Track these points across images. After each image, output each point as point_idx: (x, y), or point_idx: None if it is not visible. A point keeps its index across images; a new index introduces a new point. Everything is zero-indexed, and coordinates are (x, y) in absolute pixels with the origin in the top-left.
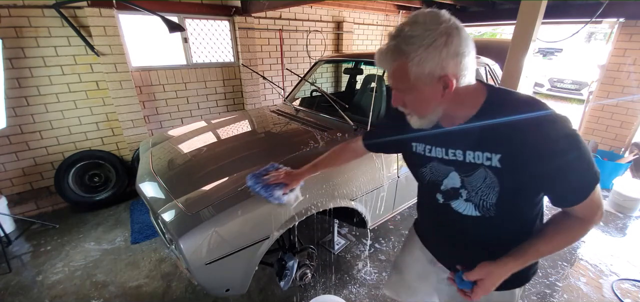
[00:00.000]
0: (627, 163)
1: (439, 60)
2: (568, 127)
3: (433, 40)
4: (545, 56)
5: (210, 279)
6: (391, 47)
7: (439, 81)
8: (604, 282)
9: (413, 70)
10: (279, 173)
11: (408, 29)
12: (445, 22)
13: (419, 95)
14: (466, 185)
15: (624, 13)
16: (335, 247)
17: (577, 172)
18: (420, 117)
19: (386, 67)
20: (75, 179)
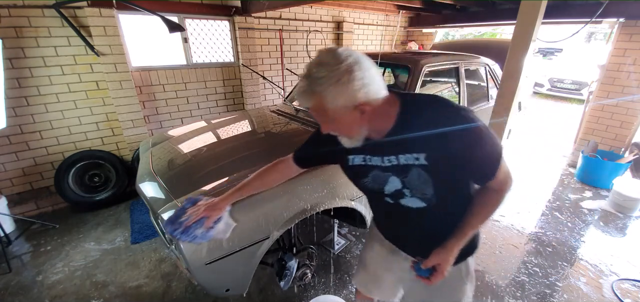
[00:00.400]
0: (627, 163)
1: (348, 94)
2: (469, 115)
3: (338, 79)
4: (545, 56)
5: (210, 279)
6: (306, 89)
7: (355, 109)
8: (604, 282)
9: (329, 107)
10: (198, 208)
11: (315, 70)
12: (345, 60)
13: (342, 123)
14: (407, 184)
15: (624, 13)
16: (335, 247)
17: (484, 149)
18: (350, 138)
19: (306, 105)
20: (75, 179)
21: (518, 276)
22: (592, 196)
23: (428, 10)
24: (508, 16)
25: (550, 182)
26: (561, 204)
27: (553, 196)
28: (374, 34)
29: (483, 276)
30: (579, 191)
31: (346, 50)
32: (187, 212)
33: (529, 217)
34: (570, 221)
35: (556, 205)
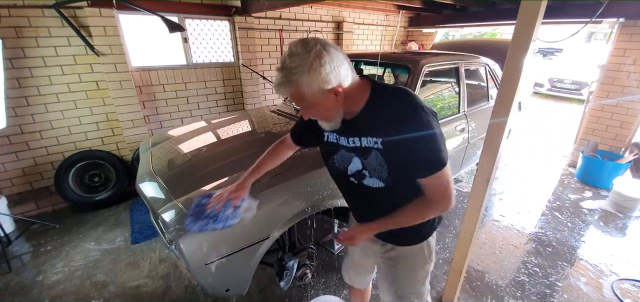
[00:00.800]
0: (627, 163)
1: (321, 78)
2: (425, 115)
3: (310, 66)
4: (545, 56)
5: (210, 279)
6: (282, 80)
7: (330, 92)
8: (604, 282)
9: (306, 92)
10: (221, 195)
11: (289, 61)
12: (313, 48)
13: (320, 107)
14: (366, 166)
15: (624, 13)
16: (335, 247)
17: (425, 149)
18: (328, 121)
19: (283, 94)
20: (75, 179)
21: (518, 276)
22: (592, 196)
23: (428, 10)
24: (508, 16)
25: (550, 182)
26: (561, 204)
27: (553, 196)
28: (374, 34)
29: (483, 276)
30: (579, 191)
31: (314, 39)
32: (209, 204)
33: (529, 217)
34: (570, 221)
35: (556, 205)
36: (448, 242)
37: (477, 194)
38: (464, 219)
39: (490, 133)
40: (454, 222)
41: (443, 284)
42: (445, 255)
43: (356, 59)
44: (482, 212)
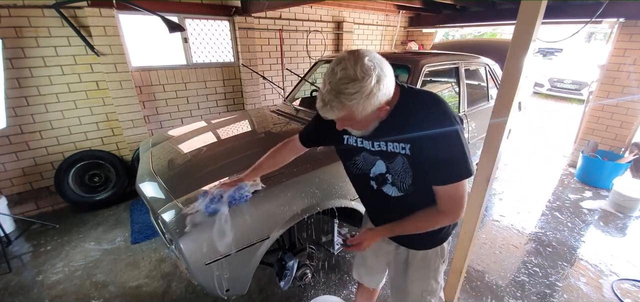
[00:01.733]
0: (627, 163)
1: (377, 101)
2: (454, 122)
3: (370, 92)
4: (545, 56)
5: (210, 279)
6: (335, 104)
7: (379, 109)
8: (604, 282)
9: (357, 115)
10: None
11: (343, 86)
12: (373, 72)
13: (363, 123)
14: (390, 170)
15: (624, 13)
16: (335, 247)
17: (452, 157)
18: (363, 130)
19: (332, 117)
20: (75, 179)
21: (518, 276)
22: (592, 196)
23: (428, 10)
24: (508, 16)
25: (550, 182)
26: (561, 204)
27: (553, 196)
28: (374, 34)
29: (483, 276)
30: (579, 191)
31: (369, 59)
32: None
33: (529, 217)
34: (570, 221)
35: (556, 205)
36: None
37: (477, 194)
38: (464, 219)
39: (490, 133)
40: None
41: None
42: None
43: None
44: (482, 212)
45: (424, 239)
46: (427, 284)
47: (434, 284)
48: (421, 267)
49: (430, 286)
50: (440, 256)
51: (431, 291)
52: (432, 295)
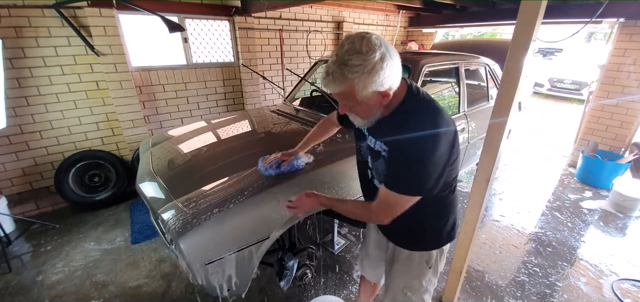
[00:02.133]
0: (627, 163)
1: (379, 81)
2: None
3: (372, 67)
4: (545, 56)
5: (210, 279)
6: (337, 75)
7: (379, 94)
8: (604, 282)
9: (359, 92)
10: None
11: (348, 57)
12: (379, 49)
13: (363, 107)
14: (373, 167)
15: (624, 13)
16: (335, 247)
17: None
18: (364, 119)
19: (333, 90)
20: (75, 179)
21: (518, 276)
22: (592, 196)
23: (428, 10)
24: (508, 16)
25: (550, 182)
26: (561, 204)
27: (553, 196)
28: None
29: (483, 276)
30: (579, 191)
31: (377, 38)
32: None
33: (529, 217)
34: (570, 221)
35: (556, 205)
36: None
37: (477, 194)
38: (464, 219)
39: (490, 133)
40: None
41: (443, 284)
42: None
43: None
44: (482, 212)
45: (410, 239)
46: (408, 280)
47: (416, 284)
48: (404, 265)
49: (412, 283)
50: (426, 262)
51: (412, 288)
52: (413, 292)
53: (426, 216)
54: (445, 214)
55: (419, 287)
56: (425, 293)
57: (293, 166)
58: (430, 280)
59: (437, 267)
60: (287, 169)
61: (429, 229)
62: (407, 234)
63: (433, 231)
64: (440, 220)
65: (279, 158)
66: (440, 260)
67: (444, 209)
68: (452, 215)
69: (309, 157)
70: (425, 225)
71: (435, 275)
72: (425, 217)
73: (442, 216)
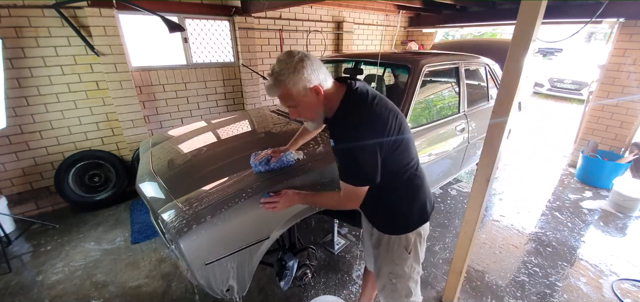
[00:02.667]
0: (627, 163)
1: (304, 78)
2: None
3: (294, 67)
4: (545, 56)
5: (210, 279)
6: (272, 83)
7: (312, 91)
8: (604, 282)
9: (292, 90)
10: (274, 150)
11: (276, 67)
12: (296, 56)
13: (305, 105)
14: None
15: (624, 13)
16: (335, 247)
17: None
18: (312, 121)
19: (273, 95)
20: (75, 179)
21: (518, 276)
22: (592, 196)
23: (428, 10)
24: (508, 16)
25: (550, 182)
26: (561, 204)
27: (553, 196)
28: (374, 34)
29: (483, 276)
30: (579, 191)
31: (296, 50)
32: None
33: (529, 217)
34: (570, 221)
35: (556, 205)
36: (448, 242)
37: (477, 194)
38: (464, 219)
39: (490, 133)
40: (454, 222)
41: (443, 284)
42: (445, 255)
43: (356, 59)
44: (482, 212)
45: (385, 222)
46: (392, 267)
47: (400, 270)
48: (386, 250)
49: (395, 270)
50: (405, 248)
51: (397, 275)
52: (398, 279)
53: (393, 199)
54: (412, 195)
55: (403, 274)
56: (410, 280)
57: (283, 162)
58: (413, 267)
59: (418, 254)
60: (276, 165)
61: (399, 211)
62: (382, 217)
63: (403, 213)
64: (408, 202)
65: (269, 154)
66: (420, 246)
67: (409, 191)
68: (419, 197)
69: (299, 153)
70: (395, 208)
71: (417, 261)
72: (393, 200)
73: (410, 198)
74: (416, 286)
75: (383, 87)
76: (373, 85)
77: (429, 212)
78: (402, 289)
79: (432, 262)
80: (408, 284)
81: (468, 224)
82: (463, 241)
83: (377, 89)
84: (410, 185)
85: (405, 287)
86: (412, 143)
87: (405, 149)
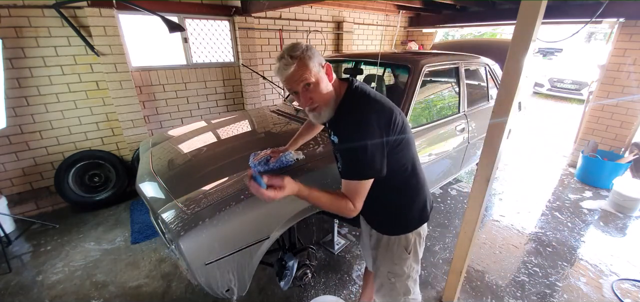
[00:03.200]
0: (627, 163)
1: (317, 57)
2: (367, 131)
3: (306, 47)
4: (545, 56)
5: (210, 279)
6: (288, 58)
7: (323, 67)
8: (604, 282)
9: (310, 65)
10: (273, 150)
11: (289, 50)
12: (301, 42)
13: (319, 89)
14: (337, 157)
15: (624, 13)
16: (335, 247)
17: (354, 156)
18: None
19: (299, 76)
20: (75, 179)
21: (518, 276)
22: (592, 196)
23: (428, 10)
24: (508, 16)
25: (550, 182)
26: (561, 204)
27: (553, 196)
28: (374, 34)
29: (483, 276)
30: (579, 191)
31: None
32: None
33: (529, 217)
34: (570, 221)
35: (556, 205)
36: (448, 242)
37: (477, 194)
38: (464, 219)
39: (490, 133)
40: (454, 222)
41: (443, 284)
42: (445, 255)
43: (356, 59)
44: (482, 212)
45: (385, 223)
46: (391, 266)
47: (399, 270)
48: (385, 250)
49: (394, 269)
50: (405, 248)
51: (396, 274)
52: (397, 278)
53: (392, 199)
54: (412, 195)
55: (402, 273)
56: (409, 279)
57: (282, 162)
58: (412, 266)
59: (417, 253)
60: (276, 165)
61: (398, 211)
62: (381, 218)
63: (403, 214)
64: (408, 201)
65: (268, 154)
66: (419, 246)
67: (409, 191)
68: (419, 197)
69: (298, 153)
70: (394, 208)
71: (416, 261)
72: (392, 200)
73: (409, 198)
74: (415, 285)
75: (383, 87)
76: (373, 85)
77: (429, 212)
78: (401, 288)
79: (432, 262)
80: (407, 283)
81: (468, 224)
82: (463, 241)
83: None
84: (410, 185)
85: (404, 286)
86: (412, 143)
87: (406, 148)
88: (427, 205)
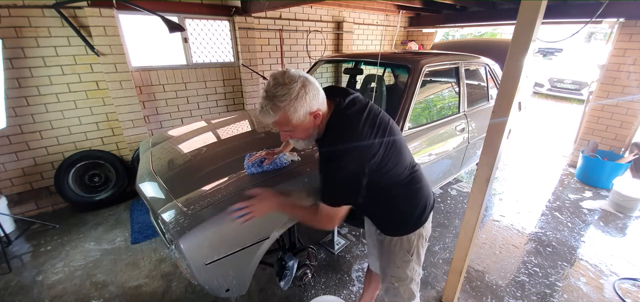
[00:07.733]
0: (627, 163)
1: (307, 104)
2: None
3: (297, 93)
4: (545, 56)
5: (210, 279)
6: (269, 106)
7: (311, 115)
8: (604, 282)
9: (292, 117)
10: (268, 152)
11: (276, 90)
12: (299, 78)
13: (300, 130)
14: None
15: (624, 13)
16: (336, 247)
17: (329, 183)
18: (304, 140)
19: (269, 121)
20: (75, 179)
21: (518, 276)
22: (592, 196)
23: (428, 10)
24: (508, 16)
25: (550, 182)
26: (561, 204)
27: (553, 196)
28: (374, 34)
29: (483, 276)
30: (579, 191)
31: (296, 70)
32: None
33: (529, 217)
34: (570, 221)
35: (556, 205)
36: (448, 242)
37: (477, 194)
38: (464, 219)
39: (490, 133)
40: (454, 222)
41: (443, 284)
42: (445, 255)
43: (356, 59)
44: (482, 212)
45: (387, 223)
46: (394, 270)
47: (402, 274)
48: (388, 252)
49: (398, 273)
50: (407, 251)
51: (399, 278)
52: (400, 283)
53: (392, 203)
54: (411, 197)
55: (405, 277)
56: (412, 283)
57: (276, 164)
58: (415, 269)
59: (420, 255)
60: (270, 168)
61: (399, 213)
62: (381, 218)
63: (404, 215)
64: (408, 203)
65: (262, 156)
66: (421, 247)
67: (408, 193)
68: (419, 198)
69: (293, 155)
70: (395, 210)
71: (418, 264)
72: (392, 204)
73: (409, 200)
74: (417, 287)
75: (383, 87)
76: (373, 85)
77: (430, 212)
78: (405, 293)
79: (432, 262)
80: (410, 287)
81: (468, 224)
82: (463, 241)
83: (377, 89)
84: (409, 188)
85: (408, 291)
86: (404, 150)
87: (396, 164)
88: (427, 205)
